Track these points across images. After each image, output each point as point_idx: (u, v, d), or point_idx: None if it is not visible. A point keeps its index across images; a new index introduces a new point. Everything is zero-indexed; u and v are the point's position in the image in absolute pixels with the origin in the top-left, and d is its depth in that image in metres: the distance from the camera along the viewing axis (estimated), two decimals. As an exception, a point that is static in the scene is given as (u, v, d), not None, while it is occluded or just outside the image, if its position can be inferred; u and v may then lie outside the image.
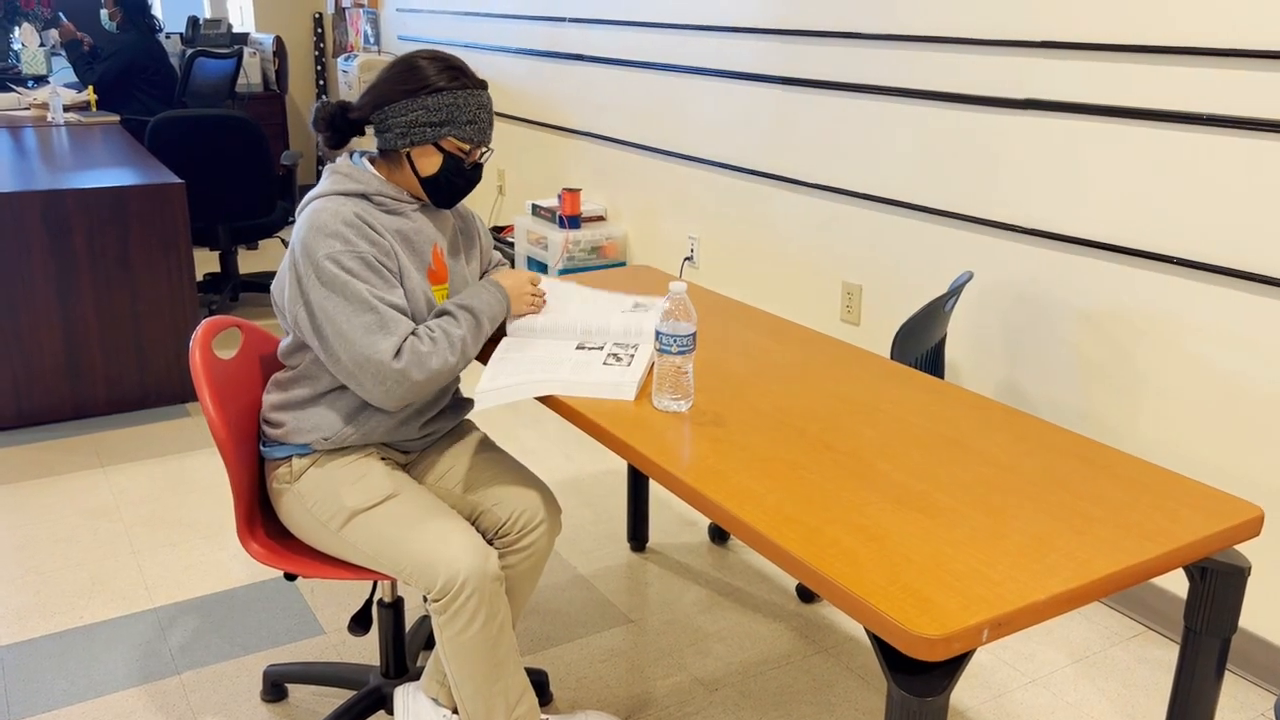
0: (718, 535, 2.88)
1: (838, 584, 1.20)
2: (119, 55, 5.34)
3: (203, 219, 4.42)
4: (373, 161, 1.84)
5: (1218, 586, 1.39)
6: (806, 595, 2.58)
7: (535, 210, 4.42)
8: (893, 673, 1.17)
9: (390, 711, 2.06)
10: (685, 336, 1.64)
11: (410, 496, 1.79)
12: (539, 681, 2.19)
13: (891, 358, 2.09)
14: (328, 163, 2.10)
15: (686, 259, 3.92)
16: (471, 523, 1.92)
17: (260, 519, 1.92)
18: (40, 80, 6.09)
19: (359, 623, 1.97)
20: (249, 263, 5.60)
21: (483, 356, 1.90)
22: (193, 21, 6.61)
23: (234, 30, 6.98)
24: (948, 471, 1.49)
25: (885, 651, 1.18)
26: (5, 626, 2.41)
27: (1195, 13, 2.18)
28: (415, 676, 2.05)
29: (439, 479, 1.96)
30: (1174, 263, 2.30)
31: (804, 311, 3.39)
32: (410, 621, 2.42)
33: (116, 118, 5.01)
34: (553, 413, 3.44)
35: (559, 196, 4.22)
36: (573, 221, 4.20)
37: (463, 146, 1.80)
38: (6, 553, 2.72)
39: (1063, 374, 2.59)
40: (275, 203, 4.62)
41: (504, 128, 5.13)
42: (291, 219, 4.81)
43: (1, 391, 3.42)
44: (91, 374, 3.55)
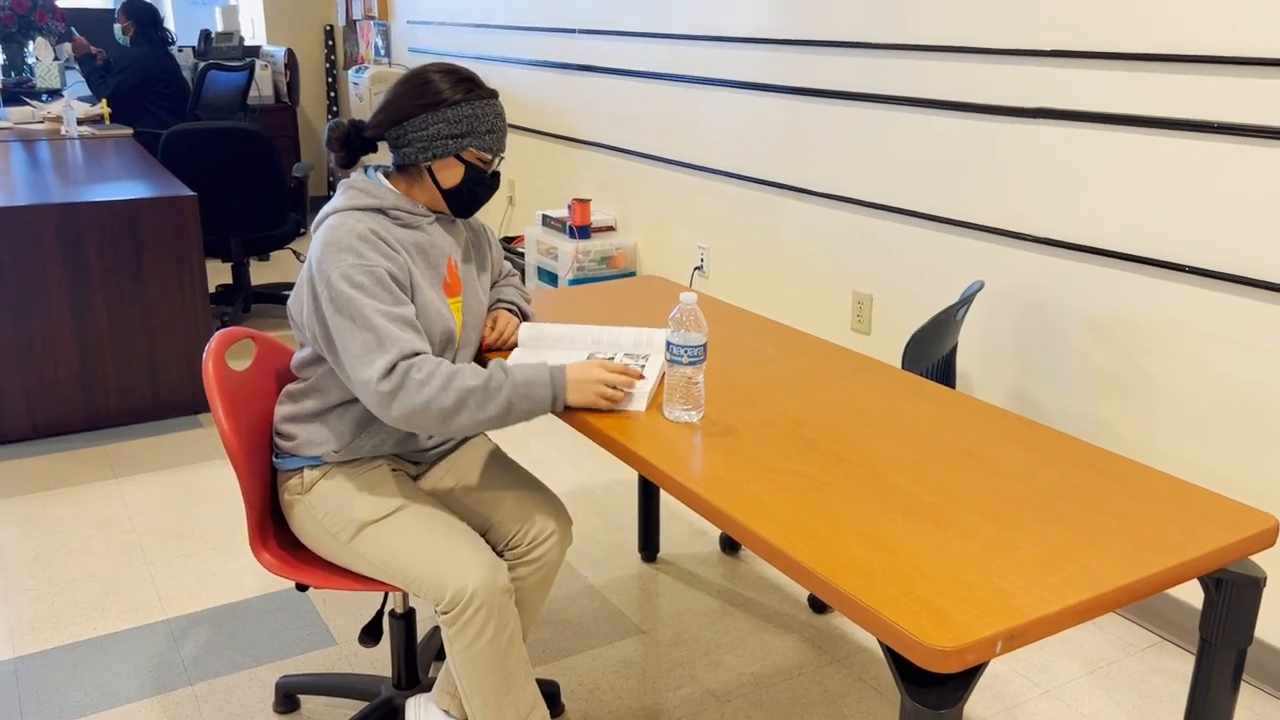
0: (729, 545, 2.87)
1: (850, 596, 1.20)
2: (132, 69, 5.38)
3: (215, 231, 4.44)
4: (388, 175, 1.84)
5: (1233, 597, 1.38)
6: (819, 606, 2.58)
7: (545, 221, 4.43)
8: (906, 684, 1.16)
9: (402, 723, 2.06)
10: (696, 347, 1.64)
11: (420, 508, 1.79)
12: (550, 693, 2.18)
13: (903, 367, 2.09)
14: (340, 177, 2.09)
15: (696, 269, 3.92)
16: (482, 534, 1.92)
17: (272, 530, 1.92)
18: (54, 94, 6.14)
19: (369, 634, 1.97)
20: (261, 274, 5.62)
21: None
22: (205, 35, 6.66)
23: (246, 43, 7.02)
24: (960, 482, 1.48)
25: (898, 663, 1.18)
26: (19, 637, 2.42)
27: (1205, 21, 2.18)
28: (427, 688, 2.04)
29: (450, 490, 1.96)
30: (1188, 271, 2.30)
31: (815, 321, 3.38)
32: (422, 632, 2.42)
33: (129, 131, 5.04)
34: (564, 423, 3.44)
35: (569, 207, 4.22)
36: (583, 232, 4.21)
37: (484, 156, 1.80)
38: (21, 564, 2.73)
39: (1075, 383, 2.58)
40: (287, 214, 4.65)
41: (514, 138, 5.15)
42: (303, 230, 4.83)
43: (15, 403, 3.44)
44: (104, 385, 3.57)
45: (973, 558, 1.28)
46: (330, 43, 7.12)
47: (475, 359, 1.95)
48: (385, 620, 2.42)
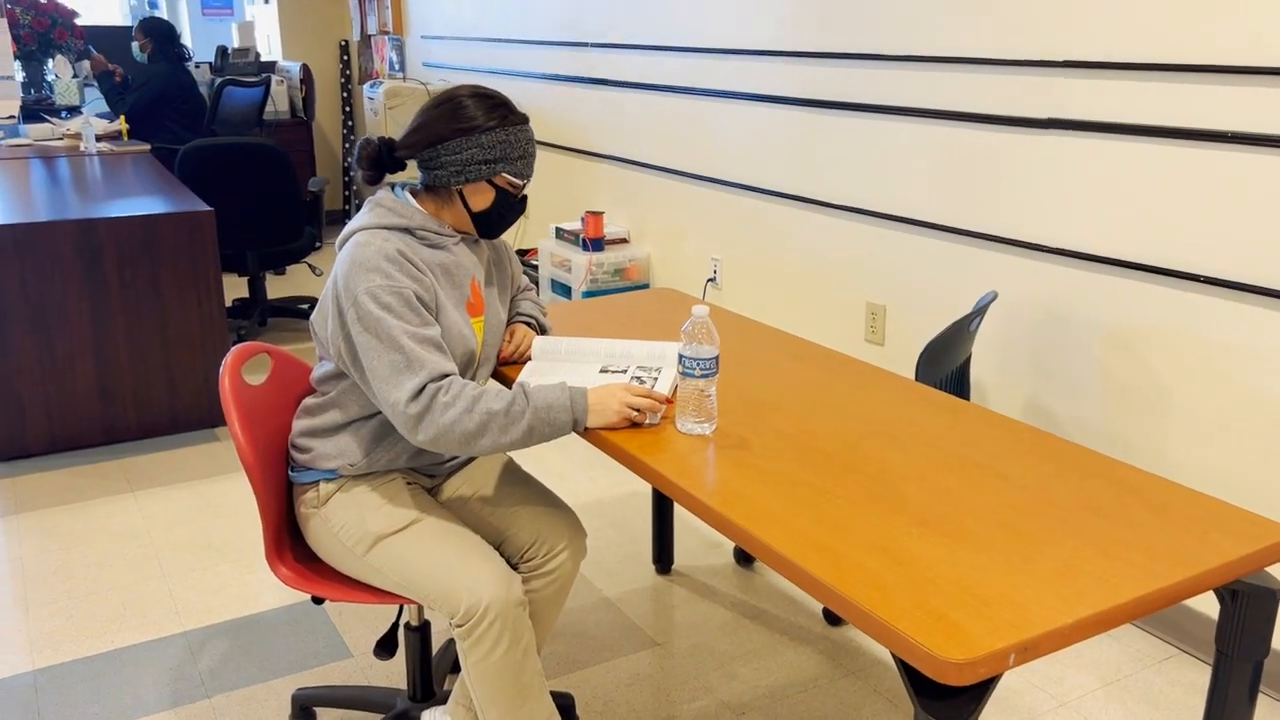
0: (743, 557, 2.87)
1: (864, 608, 1.20)
2: (149, 85, 5.44)
3: (231, 245, 4.48)
4: (415, 194, 1.85)
5: (1249, 609, 1.37)
6: (833, 618, 2.57)
7: (559, 233, 4.45)
8: (919, 697, 1.16)
9: (417, 735, 2.06)
10: (708, 359, 1.65)
11: (435, 521, 1.80)
12: (565, 705, 2.18)
13: (916, 378, 2.09)
14: (366, 195, 2.10)
15: (710, 281, 3.92)
16: (497, 547, 1.93)
17: (289, 543, 1.94)
18: (73, 110, 6.21)
19: (384, 647, 1.98)
20: (277, 288, 5.66)
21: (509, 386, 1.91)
22: (221, 51, 6.72)
23: (262, 59, 7.09)
24: (974, 495, 1.48)
25: (912, 676, 1.18)
26: (39, 650, 2.43)
27: (1218, 31, 2.18)
28: (442, 700, 2.05)
29: (464, 503, 1.97)
30: (1202, 281, 2.29)
31: (828, 332, 3.38)
32: (437, 645, 2.42)
33: (147, 146, 5.09)
34: (577, 436, 3.45)
35: (582, 219, 4.24)
36: (596, 244, 4.22)
37: (515, 182, 1.81)
38: (41, 577, 2.75)
39: (1089, 394, 2.57)
40: (303, 229, 4.68)
41: (528, 152, 5.17)
42: (318, 244, 4.86)
43: (34, 417, 3.47)
44: (122, 399, 3.59)
45: (986, 570, 1.28)
46: (345, 58, 7.18)
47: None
48: (400, 633, 2.42)
